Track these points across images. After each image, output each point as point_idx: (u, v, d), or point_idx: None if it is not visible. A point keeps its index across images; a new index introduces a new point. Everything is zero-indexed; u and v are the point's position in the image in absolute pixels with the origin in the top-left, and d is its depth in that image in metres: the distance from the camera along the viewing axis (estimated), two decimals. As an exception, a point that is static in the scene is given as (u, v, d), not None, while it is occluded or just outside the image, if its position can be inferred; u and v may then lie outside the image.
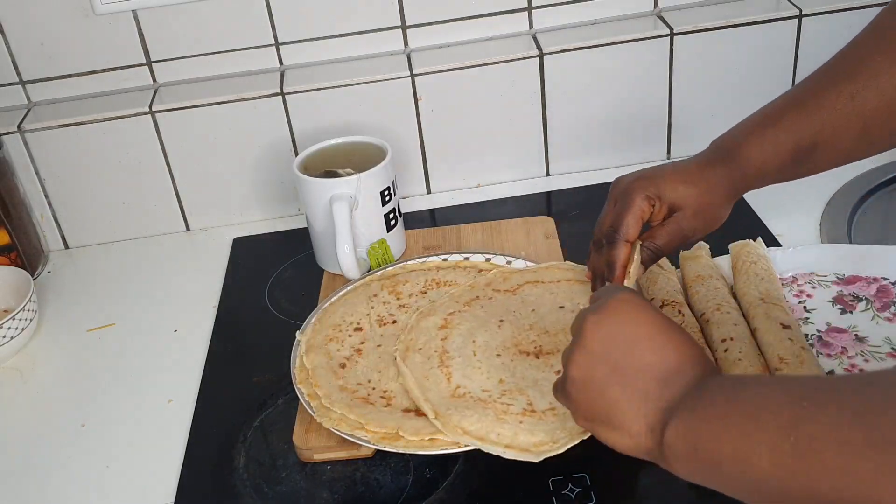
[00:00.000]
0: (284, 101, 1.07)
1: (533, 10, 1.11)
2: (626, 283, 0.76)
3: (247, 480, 0.78)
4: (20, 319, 0.95)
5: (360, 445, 0.74)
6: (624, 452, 0.59)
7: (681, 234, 0.77)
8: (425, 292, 0.90)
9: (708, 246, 0.91)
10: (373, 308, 0.89)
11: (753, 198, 1.03)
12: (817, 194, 1.04)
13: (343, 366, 0.81)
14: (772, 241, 0.96)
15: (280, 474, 0.78)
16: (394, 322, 0.87)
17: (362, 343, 0.84)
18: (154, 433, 0.85)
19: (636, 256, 0.77)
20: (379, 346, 0.84)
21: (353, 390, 0.78)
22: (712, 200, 0.77)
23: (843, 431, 0.45)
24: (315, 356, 0.82)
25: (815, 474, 0.45)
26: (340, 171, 0.97)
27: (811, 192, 1.04)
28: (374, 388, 0.79)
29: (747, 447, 0.49)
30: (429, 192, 1.17)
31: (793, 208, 1.02)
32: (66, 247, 1.15)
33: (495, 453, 0.69)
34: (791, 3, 1.09)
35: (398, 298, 0.90)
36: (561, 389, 0.64)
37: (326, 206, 0.93)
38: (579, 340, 0.61)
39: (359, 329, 0.86)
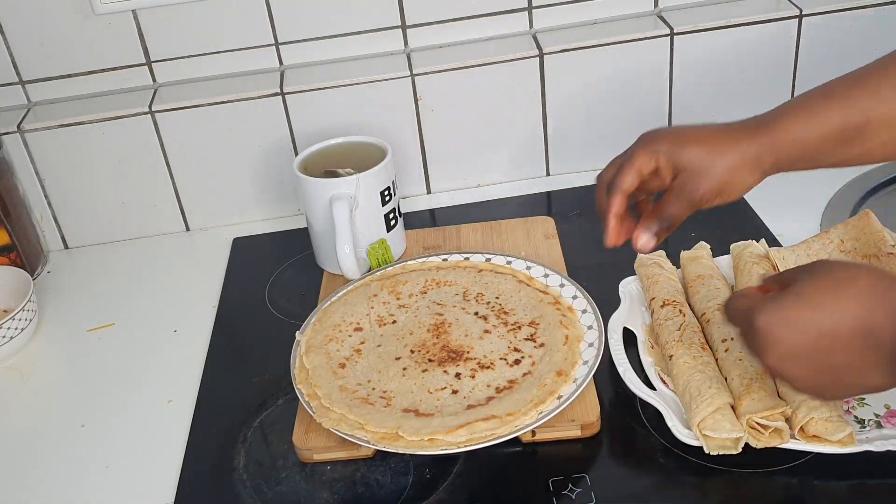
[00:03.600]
0: (284, 101, 1.07)
1: (533, 10, 1.11)
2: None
3: (247, 481, 0.78)
4: (20, 319, 0.95)
5: (360, 446, 0.74)
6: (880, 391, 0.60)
7: (687, 200, 0.71)
8: (425, 292, 0.90)
9: (709, 246, 0.90)
10: (373, 308, 0.88)
11: (754, 198, 1.03)
12: (818, 194, 1.04)
13: (343, 366, 0.81)
14: (772, 241, 0.96)
15: (280, 474, 0.78)
16: (393, 322, 0.87)
17: (362, 343, 0.84)
18: (154, 433, 0.85)
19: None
20: (379, 346, 0.84)
21: (353, 390, 0.78)
22: (723, 165, 0.70)
23: None
24: (315, 356, 0.82)
25: None
26: (340, 171, 0.97)
27: (812, 193, 1.04)
28: (373, 389, 0.79)
29: None
30: (429, 192, 1.17)
31: (793, 208, 1.02)
32: (66, 247, 1.15)
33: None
34: (791, 3, 1.09)
35: (398, 298, 0.90)
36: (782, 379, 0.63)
37: (326, 206, 0.93)
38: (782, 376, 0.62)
39: (358, 329, 0.86)
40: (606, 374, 0.80)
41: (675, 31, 1.08)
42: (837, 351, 0.58)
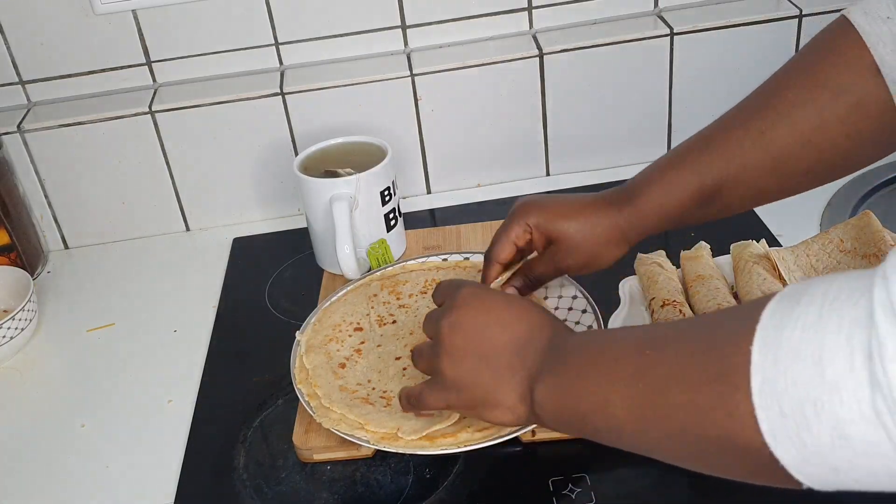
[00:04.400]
0: (284, 101, 1.07)
1: (533, 10, 1.11)
2: None
3: (247, 480, 0.78)
4: (20, 319, 0.95)
5: (360, 445, 0.74)
6: (508, 425, 0.65)
7: (557, 267, 0.77)
8: (425, 292, 0.90)
9: (709, 246, 0.90)
10: (373, 308, 0.88)
11: (753, 198, 1.03)
12: (818, 194, 1.03)
13: (343, 366, 0.81)
14: (772, 241, 0.96)
15: (280, 474, 0.78)
16: (394, 322, 0.87)
17: (362, 343, 0.84)
18: (154, 433, 0.85)
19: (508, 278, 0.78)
20: (379, 346, 0.84)
21: (353, 390, 0.78)
22: (594, 241, 0.74)
23: (684, 369, 0.49)
24: (315, 356, 0.82)
25: (664, 414, 0.49)
26: (340, 171, 0.97)
27: (812, 192, 1.03)
28: (373, 388, 0.79)
29: (604, 399, 0.54)
30: (429, 192, 1.17)
31: (793, 208, 1.01)
32: (66, 247, 1.15)
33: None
34: (791, 3, 1.09)
35: (398, 298, 0.90)
36: (436, 391, 0.67)
37: (326, 206, 0.93)
38: (441, 344, 0.65)
39: (359, 329, 0.86)
40: (606, 374, 0.80)
41: (675, 31, 1.08)
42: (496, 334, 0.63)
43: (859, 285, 0.41)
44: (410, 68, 1.08)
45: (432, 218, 1.12)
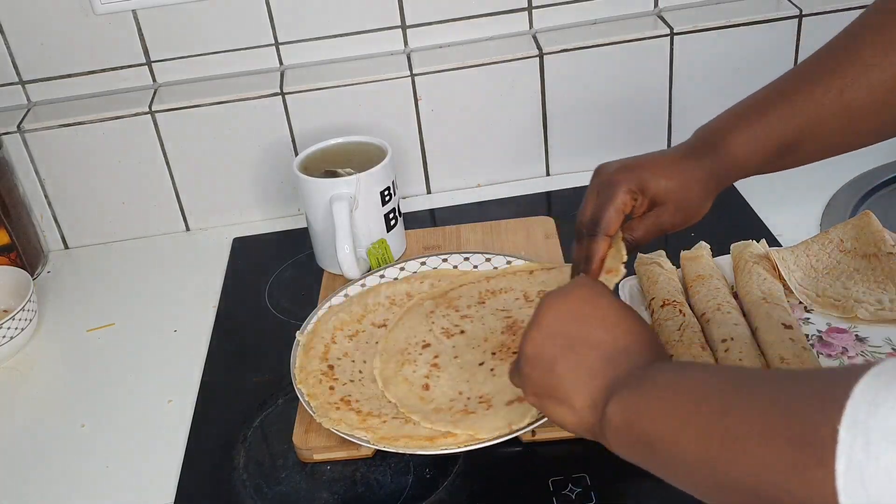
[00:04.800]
0: (284, 101, 1.07)
1: (533, 10, 1.11)
2: (604, 275, 0.74)
3: (247, 480, 0.78)
4: (20, 319, 0.95)
5: (360, 445, 0.74)
6: (568, 429, 0.62)
7: (660, 228, 0.76)
8: (483, 302, 0.88)
9: (709, 246, 0.90)
10: (433, 323, 0.86)
11: (753, 197, 1.03)
12: (818, 194, 1.04)
13: (426, 387, 0.78)
14: (772, 241, 0.95)
15: (280, 474, 0.78)
16: (462, 332, 0.84)
17: (436, 357, 0.81)
18: (154, 433, 0.85)
19: (621, 249, 0.74)
20: (456, 357, 0.81)
21: (449, 407, 0.75)
22: (695, 196, 0.74)
23: (768, 425, 0.46)
24: (395, 388, 0.78)
25: (737, 463, 0.47)
26: (340, 171, 0.97)
27: (812, 192, 1.04)
28: (469, 399, 0.76)
29: (679, 430, 0.51)
30: (429, 192, 1.17)
31: (793, 208, 1.02)
32: (66, 247, 1.15)
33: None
34: (791, 3, 1.09)
35: (457, 311, 0.87)
36: (515, 368, 0.66)
37: (326, 206, 0.93)
38: (535, 318, 0.63)
39: (427, 345, 0.83)
40: (606, 374, 0.80)
41: (675, 31, 1.08)
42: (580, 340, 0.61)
43: None
44: (410, 68, 1.08)
45: (432, 218, 1.12)
